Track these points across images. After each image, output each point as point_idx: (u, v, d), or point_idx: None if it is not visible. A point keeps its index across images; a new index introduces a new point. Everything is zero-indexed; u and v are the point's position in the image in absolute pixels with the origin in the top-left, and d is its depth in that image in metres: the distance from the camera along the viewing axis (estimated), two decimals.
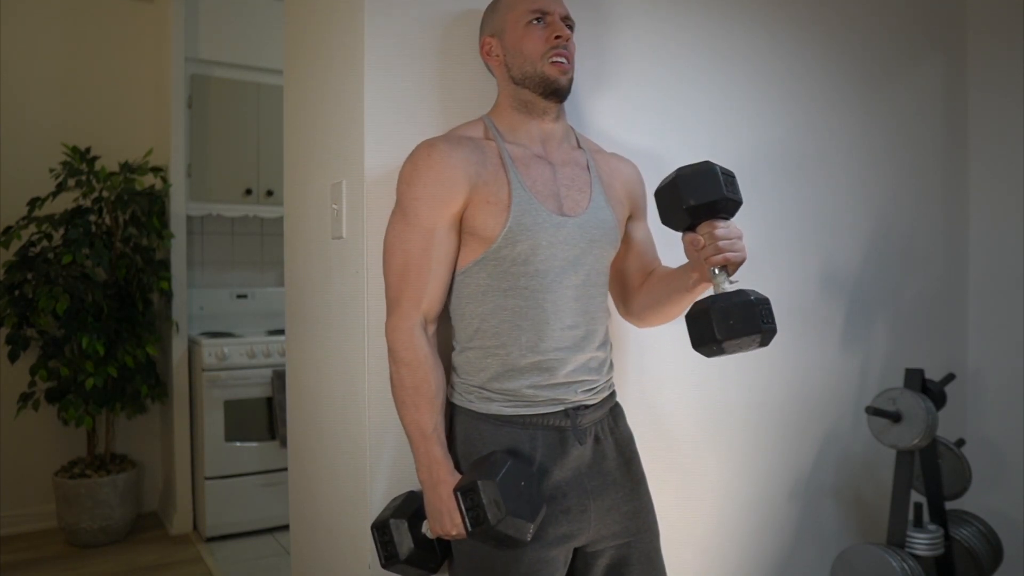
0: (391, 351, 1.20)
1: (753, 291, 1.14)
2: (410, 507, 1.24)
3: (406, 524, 1.21)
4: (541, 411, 1.20)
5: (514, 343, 1.19)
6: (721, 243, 1.14)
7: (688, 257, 1.22)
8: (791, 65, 1.97)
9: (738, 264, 1.15)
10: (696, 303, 1.16)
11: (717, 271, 1.15)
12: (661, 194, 1.20)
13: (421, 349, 1.17)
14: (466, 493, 1.11)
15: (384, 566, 1.22)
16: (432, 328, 1.21)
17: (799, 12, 1.99)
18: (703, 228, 1.16)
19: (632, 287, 1.44)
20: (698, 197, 1.14)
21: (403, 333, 1.18)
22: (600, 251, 1.26)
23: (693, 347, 1.16)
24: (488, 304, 1.19)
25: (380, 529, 1.23)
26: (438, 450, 1.16)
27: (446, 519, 1.13)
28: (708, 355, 1.16)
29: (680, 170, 1.18)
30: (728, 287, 1.15)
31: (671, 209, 1.19)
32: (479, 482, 1.09)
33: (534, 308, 1.19)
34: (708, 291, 1.19)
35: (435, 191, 1.17)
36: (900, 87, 2.23)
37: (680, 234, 1.22)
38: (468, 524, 1.10)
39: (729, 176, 1.18)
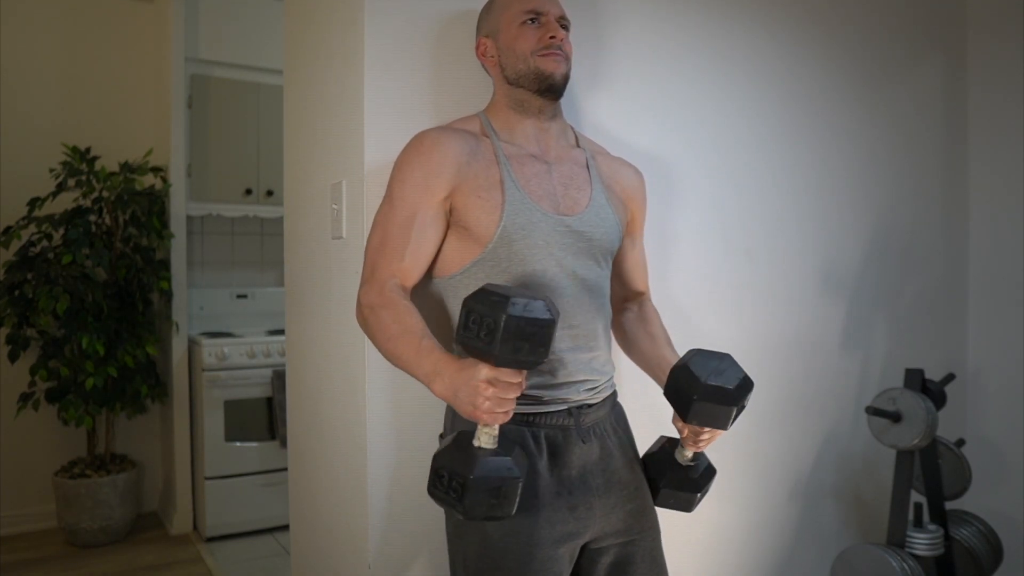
0: (367, 308, 1.14)
1: (703, 475, 1.29)
2: (450, 442, 1.06)
3: (455, 452, 1.03)
4: (544, 410, 1.20)
5: None
6: (700, 442, 1.24)
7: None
8: (791, 65, 1.97)
9: None
10: (655, 467, 1.30)
11: (684, 447, 1.27)
12: (676, 382, 1.17)
13: (395, 292, 1.14)
14: (467, 320, 0.98)
15: (466, 515, 1.01)
16: (407, 290, 1.18)
17: (799, 12, 1.99)
18: (692, 427, 1.23)
19: (616, 308, 1.44)
20: (703, 421, 1.16)
21: (376, 291, 1.15)
22: (600, 250, 1.26)
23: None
24: None
25: (436, 482, 1.03)
26: (437, 352, 1.06)
27: (472, 382, 0.99)
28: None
29: (707, 384, 1.12)
30: (689, 461, 1.28)
31: (676, 402, 1.18)
32: (469, 299, 0.98)
33: None
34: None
35: (421, 175, 1.18)
36: (900, 87, 2.23)
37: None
38: (484, 346, 0.96)
39: (747, 392, 1.16)
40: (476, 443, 1.03)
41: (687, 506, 1.30)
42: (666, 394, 1.20)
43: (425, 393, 1.38)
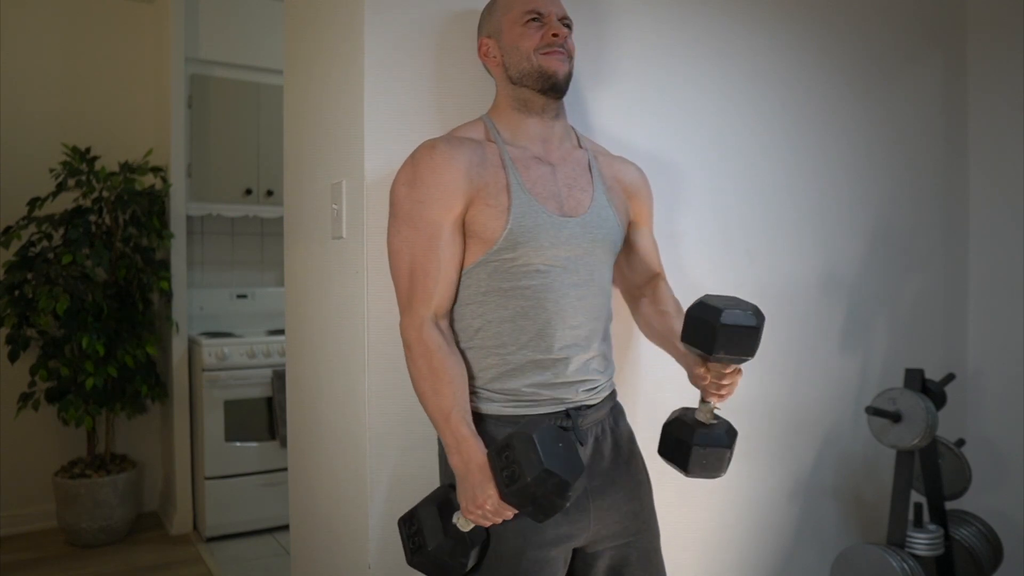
0: (407, 346, 1.18)
1: (728, 431, 1.26)
2: (441, 497, 1.17)
3: (436, 511, 1.14)
4: (543, 411, 1.20)
5: (516, 343, 1.19)
6: (723, 388, 1.22)
7: (685, 369, 1.30)
8: (792, 65, 1.97)
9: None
10: (679, 429, 1.26)
11: (708, 401, 1.25)
12: (694, 320, 1.17)
13: (434, 338, 1.16)
14: (501, 452, 1.06)
15: (410, 562, 1.15)
16: (444, 323, 1.21)
17: (800, 12, 1.99)
18: (713, 366, 1.21)
19: (635, 296, 1.46)
20: (729, 349, 1.15)
21: (415, 329, 1.17)
22: (602, 251, 1.26)
23: (659, 453, 1.30)
24: (490, 305, 1.19)
25: (407, 521, 1.16)
26: (464, 429, 1.13)
27: (479, 494, 1.08)
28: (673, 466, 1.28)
29: (727, 314, 1.13)
30: (711, 419, 1.26)
31: (697, 339, 1.17)
32: (514, 437, 1.05)
33: (536, 308, 1.19)
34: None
35: (438, 193, 1.16)
36: (900, 87, 2.23)
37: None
38: (503, 484, 1.05)
39: (763, 318, 1.18)
40: (454, 520, 1.13)
41: (718, 465, 1.25)
42: (684, 338, 1.19)
43: None
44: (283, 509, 3.01)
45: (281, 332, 3.22)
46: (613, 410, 1.31)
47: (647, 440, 1.40)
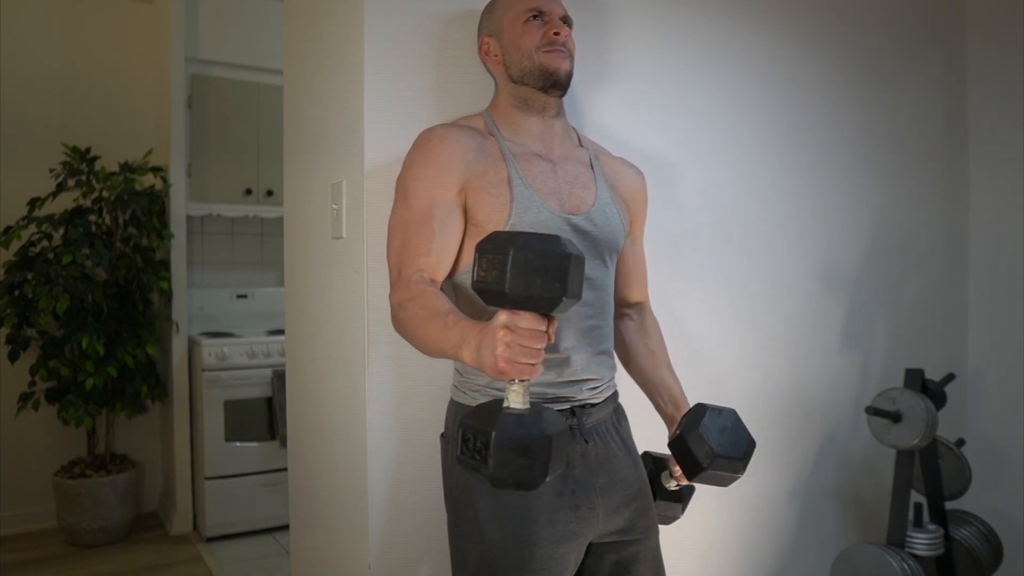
0: (396, 307, 1.13)
1: (684, 497, 1.37)
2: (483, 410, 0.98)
3: (483, 415, 0.95)
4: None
5: None
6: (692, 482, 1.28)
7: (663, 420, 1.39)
8: (792, 64, 1.97)
9: None
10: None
11: (674, 478, 1.33)
12: (684, 447, 1.24)
13: (421, 284, 1.13)
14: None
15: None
16: (435, 284, 1.17)
17: (799, 12, 1.99)
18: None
19: (616, 313, 1.43)
20: (708, 482, 1.25)
21: (402, 287, 1.14)
22: (605, 249, 1.26)
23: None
24: None
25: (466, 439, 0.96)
26: (462, 322, 1.01)
27: (497, 339, 0.92)
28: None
29: (719, 455, 1.22)
30: (671, 487, 1.35)
31: (683, 464, 1.25)
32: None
33: None
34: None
35: (433, 171, 1.17)
36: (900, 87, 2.23)
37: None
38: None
39: (751, 455, 1.27)
40: (505, 404, 0.94)
41: (669, 516, 1.37)
42: (671, 447, 1.25)
43: (426, 393, 1.39)
44: (283, 509, 3.02)
45: (281, 332, 3.22)
46: (616, 410, 1.32)
47: (649, 440, 1.40)
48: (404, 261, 1.16)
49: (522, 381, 0.93)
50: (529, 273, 0.88)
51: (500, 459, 0.90)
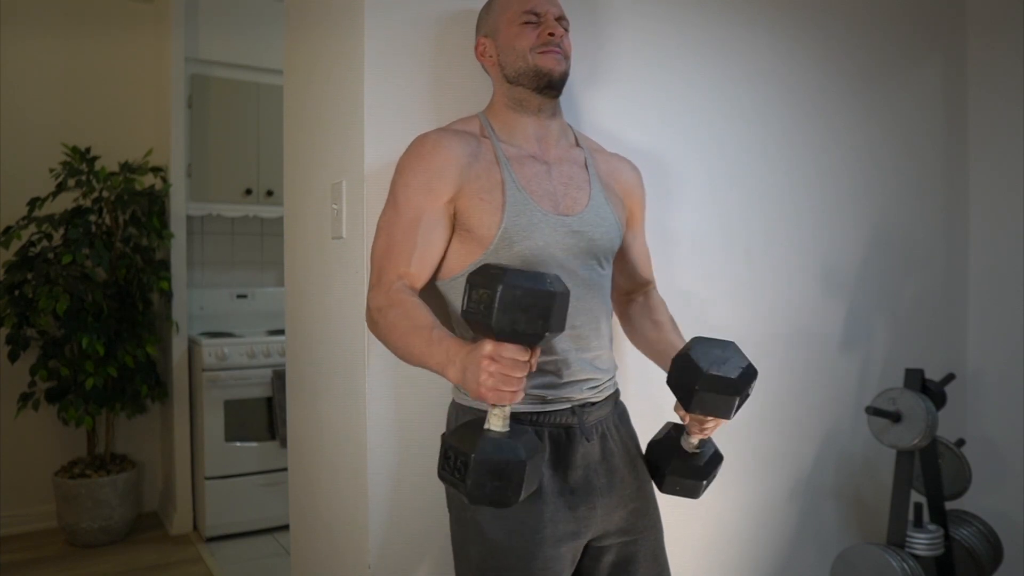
0: (376, 312, 1.14)
1: (709, 461, 1.27)
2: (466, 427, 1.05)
3: (466, 431, 1.02)
4: (548, 409, 1.20)
5: None
6: (706, 428, 1.22)
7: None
8: (791, 64, 1.97)
9: None
10: (659, 453, 1.29)
11: (691, 435, 1.26)
12: (678, 370, 1.15)
13: (402, 292, 1.14)
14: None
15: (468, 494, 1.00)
16: (414, 293, 1.18)
17: (799, 11, 1.99)
18: (695, 416, 1.20)
19: (622, 300, 1.46)
20: (705, 410, 1.13)
21: (383, 294, 1.15)
22: (601, 250, 1.26)
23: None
24: None
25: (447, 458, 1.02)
26: (447, 340, 1.05)
27: (480, 361, 0.97)
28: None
29: (709, 374, 1.11)
30: (694, 449, 1.27)
31: (678, 391, 1.15)
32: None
33: None
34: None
35: (424, 179, 1.18)
36: (900, 87, 2.23)
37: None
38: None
39: (751, 381, 1.15)
40: (486, 426, 1.01)
41: (693, 493, 1.28)
42: (669, 382, 1.18)
43: (426, 393, 1.39)
44: (283, 509, 3.01)
45: (281, 332, 3.22)
46: (617, 408, 1.32)
47: (648, 438, 1.39)
48: (386, 266, 1.18)
49: (503, 406, 1.00)
50: (515, 310, 0.95)
51: (477, 480, 0.97)
